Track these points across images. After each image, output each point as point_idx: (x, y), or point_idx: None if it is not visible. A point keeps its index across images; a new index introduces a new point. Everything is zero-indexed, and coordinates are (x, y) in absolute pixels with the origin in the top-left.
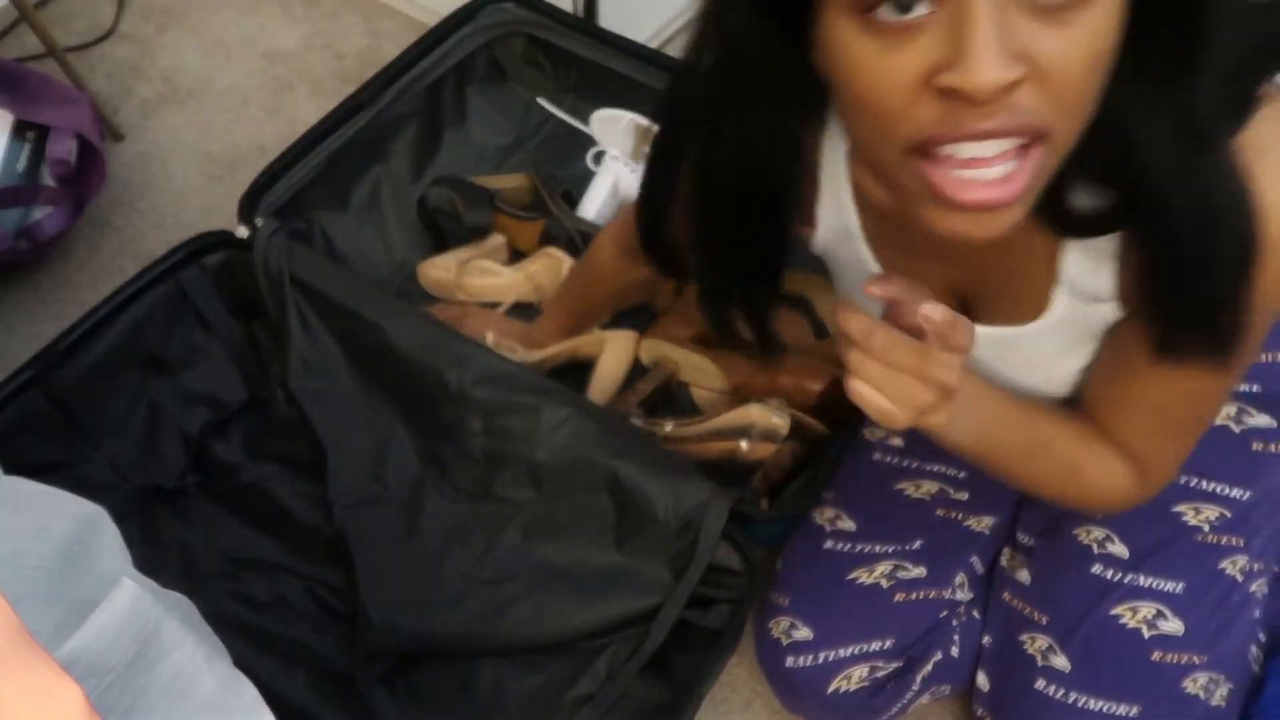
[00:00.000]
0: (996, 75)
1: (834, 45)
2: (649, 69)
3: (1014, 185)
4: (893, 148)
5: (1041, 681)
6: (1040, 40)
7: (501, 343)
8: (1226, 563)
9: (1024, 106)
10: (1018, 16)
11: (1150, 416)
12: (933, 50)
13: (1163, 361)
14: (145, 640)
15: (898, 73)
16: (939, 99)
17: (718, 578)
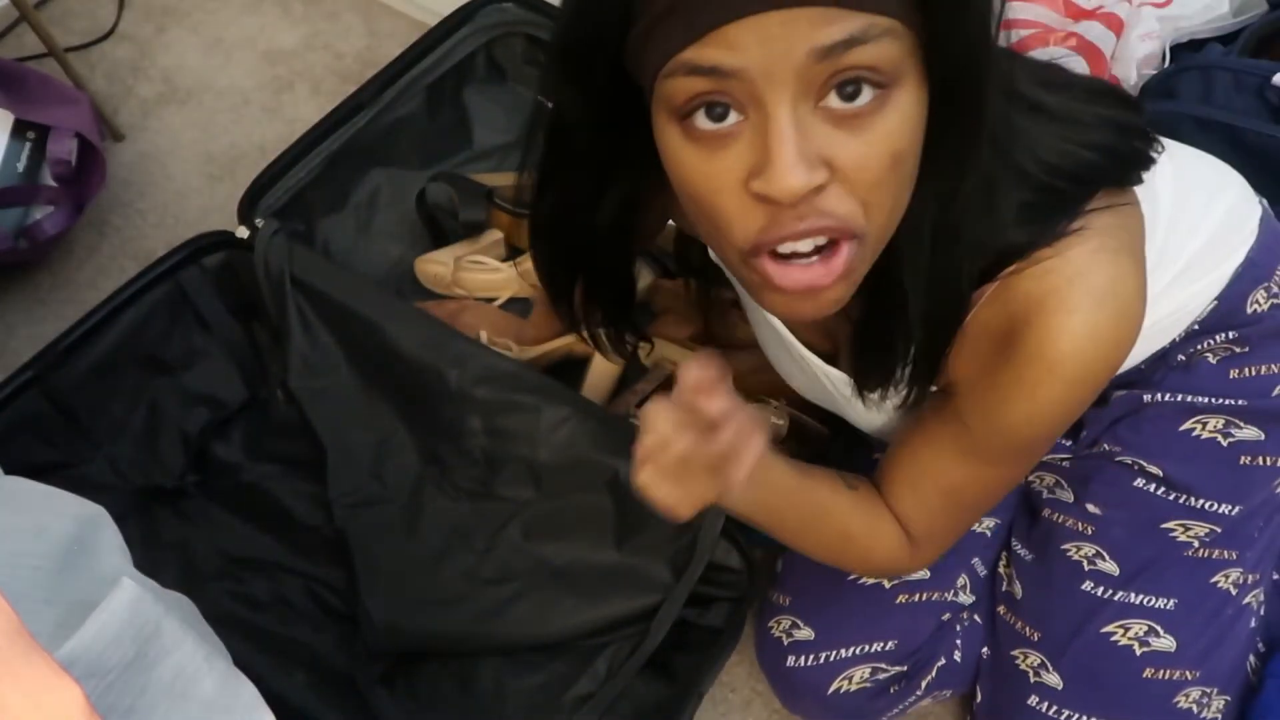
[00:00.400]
0: (799, 182)
1: (664, 149)
2: None
3: (827, 271)
4: (731, 251)
5: (1034, 698)
6: (840, 145)
7: (496, 340)
8: (1219, 576)
9: (831, 208)
10: (817, 124)
11: (938, 496)
12: (745, 156)
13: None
14: (145, 640)
15: (718, 178)
16: (759, 203)
17: (717, 576)
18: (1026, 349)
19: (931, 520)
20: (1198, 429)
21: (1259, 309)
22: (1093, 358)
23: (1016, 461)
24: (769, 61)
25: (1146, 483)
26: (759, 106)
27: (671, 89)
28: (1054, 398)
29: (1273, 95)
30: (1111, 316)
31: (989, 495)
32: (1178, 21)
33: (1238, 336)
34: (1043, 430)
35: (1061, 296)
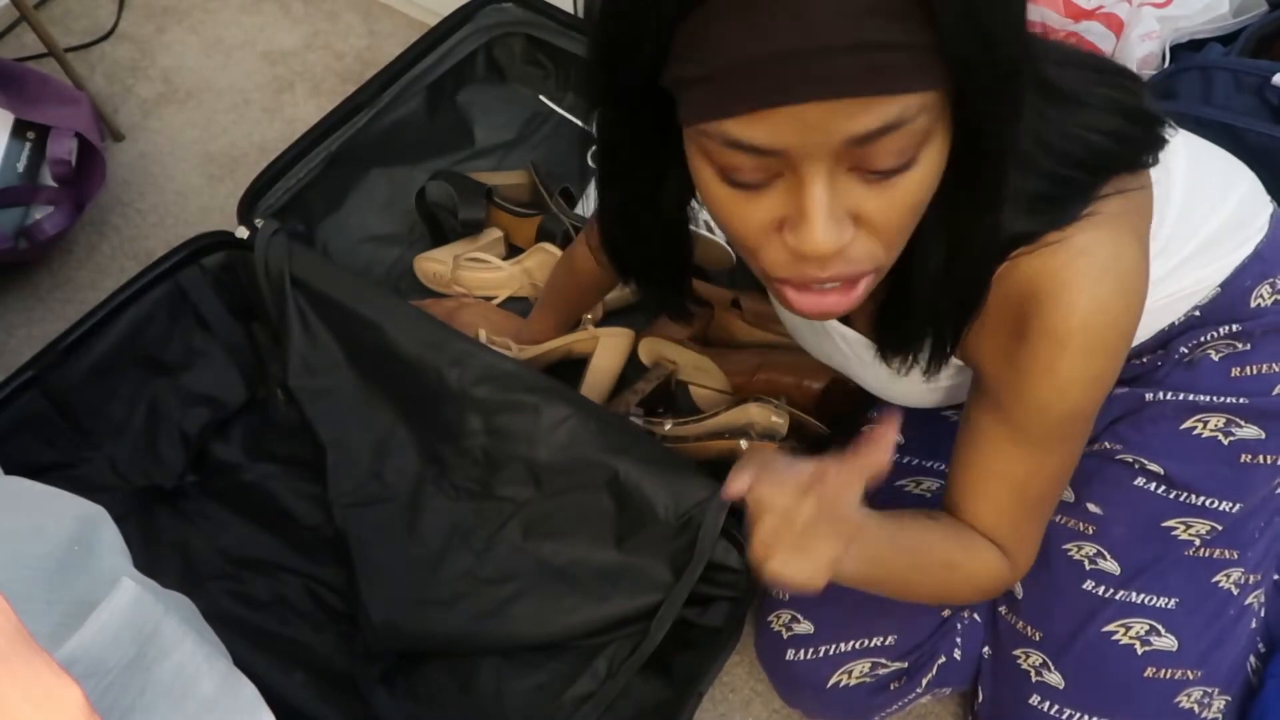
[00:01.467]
0: (831, 241)
1: (697, 178)
2: None
3: (847, 300)
4: (753, 265)
5: (1035, 698)
6: (867, 201)
7: (495, 339)
8: (1220, 576)
9: (856, 257)
10: (848, 183)
11: (1008, 497)
12: (780, 206)
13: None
14: (145, 640)
15: (752, 219)
16: (786, 245)
17: (717, 575)
18: (1037, 328)
19: (1014, 524)
20: (1199, 427)
21: (1262, 304)
22: (1100, 328)
23: (1064, 440)
24: (806, 145)
25: (1147, 481)
26: (794, 172)
27: (709, 147)
28: (1073, 371)
29: (1273, 95)
30: (1113, 289)
31: (1053, 482)
32: (1178, 21)
33: (1240, 330)
34: (1075, 404)
35: (1064, 275)
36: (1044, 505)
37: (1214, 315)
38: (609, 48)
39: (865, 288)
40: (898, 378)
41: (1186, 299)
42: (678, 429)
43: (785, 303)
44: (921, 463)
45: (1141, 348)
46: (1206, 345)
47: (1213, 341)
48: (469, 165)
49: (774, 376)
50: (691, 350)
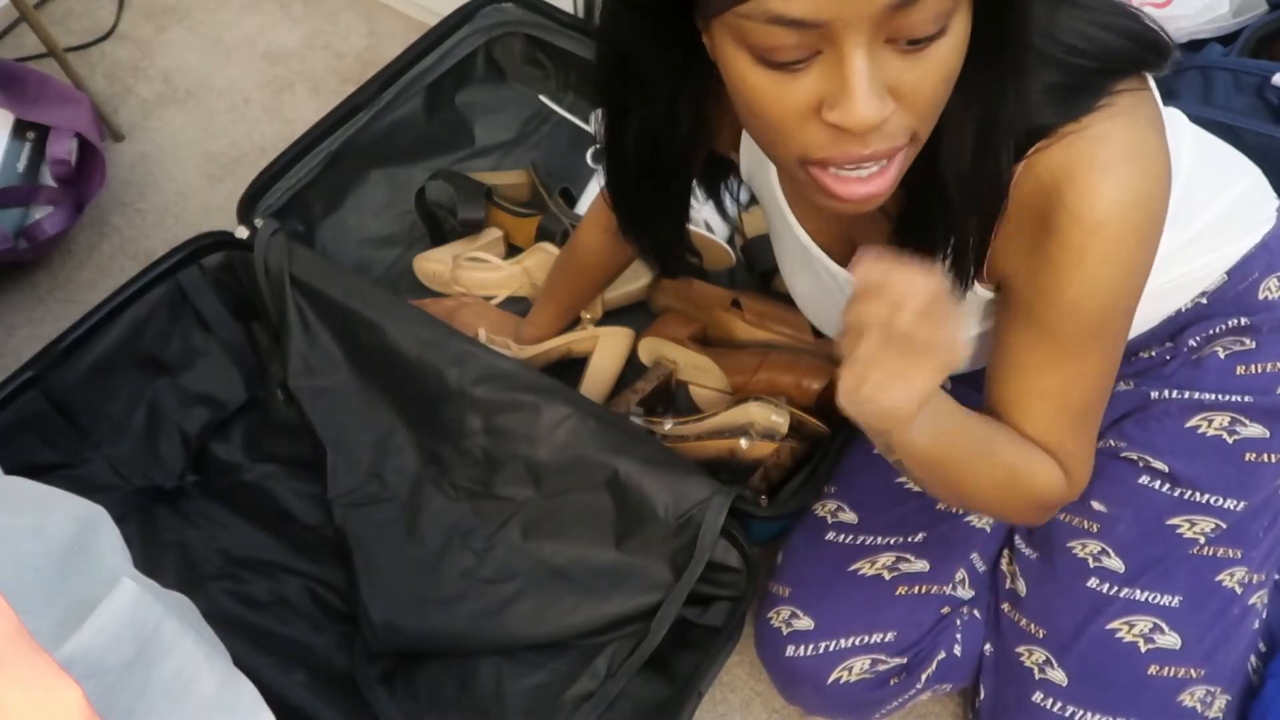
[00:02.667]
0: (874, 114)
1: (730, 72)
2: None
3: (885, 181)
4: (787, 156)
5: (1039, 695)
6: (905, 73)
7: (494, 339)
8: (1224, 575)
9: (894, 130)
10: (886, 56)
11: (1051, 411)
12: (819, 86)
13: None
14: (145, 640)
15: (789, 102)
16: (825, 124)
17: (717, 575)
18: (1065, 218)
19: (1061, 440)
20: (1203, 426)
21: (1270, 296)
22: (1128, 211)
23: (1100, 342)
24: (847, 14)
25: (1152, 479)
26: (834, 46)
27: (747, 29)
28: (1104, 260)
29: (1273, 95)
30: (1138, 172)
31: (1096, 391)
32: (1178, 21)
33: (1249, 324)
34: (1107, 299)
35: (1087, 161)
36: (1089, 416)
37: (1222, 305)
38: None
39: (899, 168)
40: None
41: (1194, 284)
42: (678, 428)
43: (825, 193)
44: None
45: (1151, 338)
46: (1215, 340)
47: (1221, 336)
48: (468, 165)
49: (774, 376)
50: (691, 350)
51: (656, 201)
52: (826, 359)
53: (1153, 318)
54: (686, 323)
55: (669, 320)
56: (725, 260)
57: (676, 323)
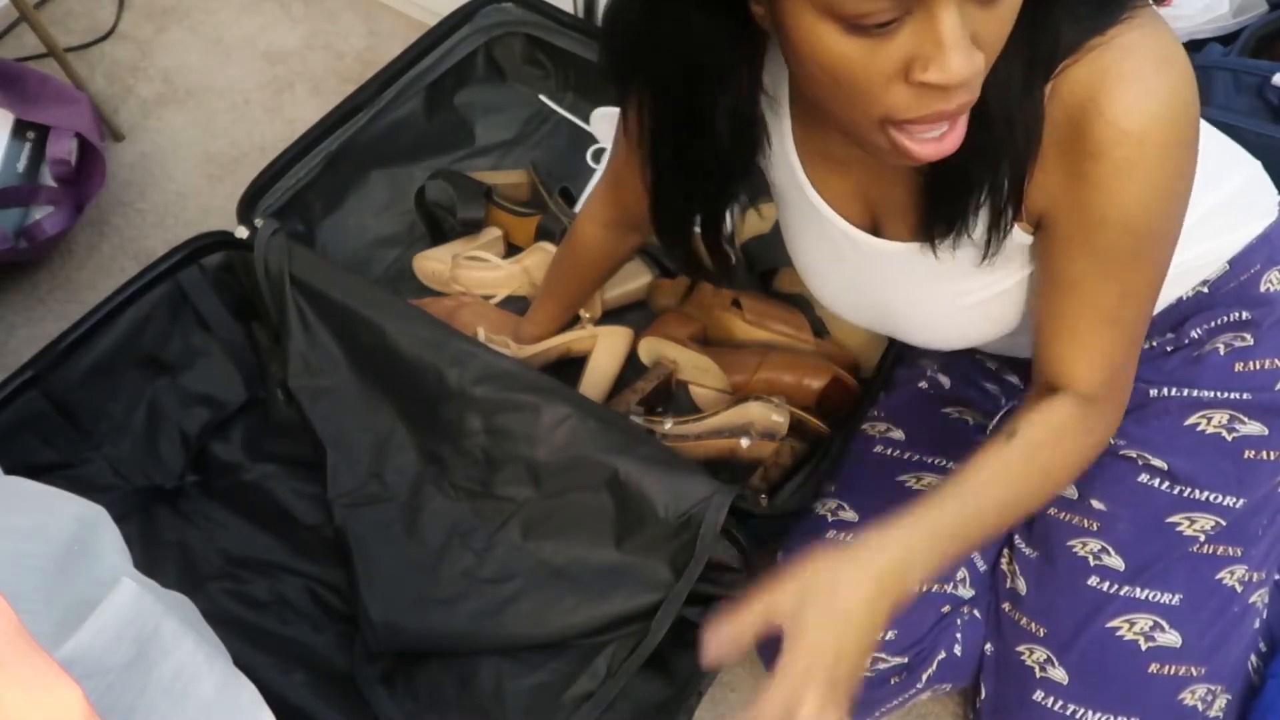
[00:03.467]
0: (969, 69)
1: (810, 42)
2: None
3: (957, 135)
4: (866, 119)
5: (1040, 693)
6: (982, 23)
7: (494, 338)
8: (1224, 573)
9: (977, 83)
10: (969, 9)
11: (1106, 332)
12: (908, 47)
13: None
14: (145, 640)
15: (876, 67)
16: (911, 84)
17: (717, 575)
18: (1107, 131)
19: (1111, 363)
20: (1202, 424)
21: (1272, 289)
22: (1173, 118)
23: (1153, 253)
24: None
25: (1151, 477)
26: (925, 5)
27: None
28: (1155, 169)
29: (1273, 95)
30: (1175, 77)
31: (1146, 301)
32: (1178, 21)
33: (1249, 319)
34: (1162, 208)
35: (1119, 71)
36: (1138, 329)
37: (1223, 296)
38: None
39: (965, 119)
40: (934, 289)
41: (1195, 271)
42: (678, 428)
43: (902, 153)
44: (924, 458)
45: (1153, 327)
46: (1217, 334)
47: (1222, 330)
48: (468, 164)
49: (774, 375)
50: (691, 349)
51: (718, 187)
52: (826, 359)
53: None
54: (686, 322)
55: (669, 320)
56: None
57: (676, 322)
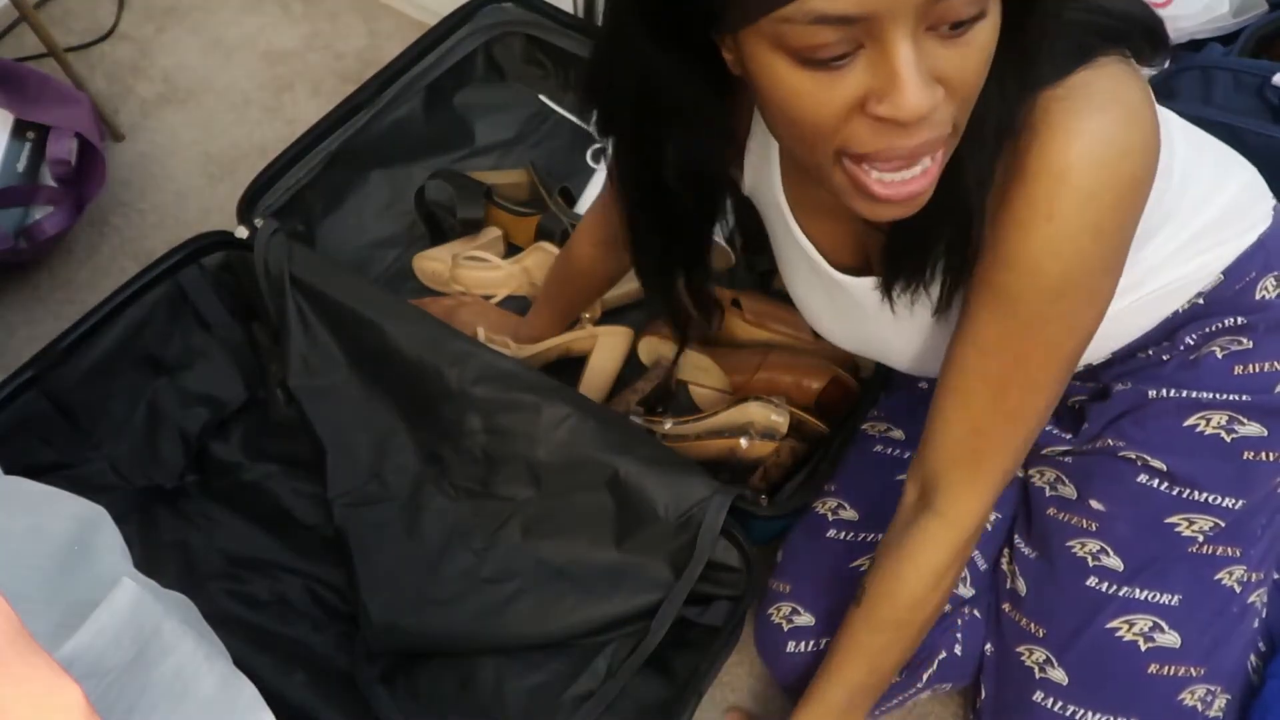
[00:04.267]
0: (925, 102)
1: (767, 77)
2: None
3: (928, 178)
4: (824, 155)
5: (1039, 694)
6: (947, 60)
7: (493, 339)
8: (1223, 574)
9: (939, 120)
10: (929, 44)
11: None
12: (864, 81)
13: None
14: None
15: (831, 101)
16: (869, 119)
17: (717, 575)
18: (1034, 163)
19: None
20: (1201, 425)
21: (1267, 296)
22: (1103, 163)
23: (1054, 320)
24: (894, 5)
25: (1150, 478)
26: (878, 38)
27: (787, 31)
28: (1070, 215)
29: (1273, 95)
30: (1119, 118)
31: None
32: (1178, 21)
33: (1245, 324)
34: (1071, 263)
35: (1063, 105)
36: (1013, 423)
37: (1219, 305)
38: None
39: (940, 165)
40: (916, 324)
41: (1190, 285)
42: (678, 428)
43: (866, 195)
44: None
45: (1147, 339)
46: (1212, 339)
47: (1218, 335)
48: (468, 164)
49: (774, 375)
50: (691, 349)
51: (695, 229)
52: (826, 359)
53: (1148, 323)
54: (711, 319)
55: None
56: (725, 260)
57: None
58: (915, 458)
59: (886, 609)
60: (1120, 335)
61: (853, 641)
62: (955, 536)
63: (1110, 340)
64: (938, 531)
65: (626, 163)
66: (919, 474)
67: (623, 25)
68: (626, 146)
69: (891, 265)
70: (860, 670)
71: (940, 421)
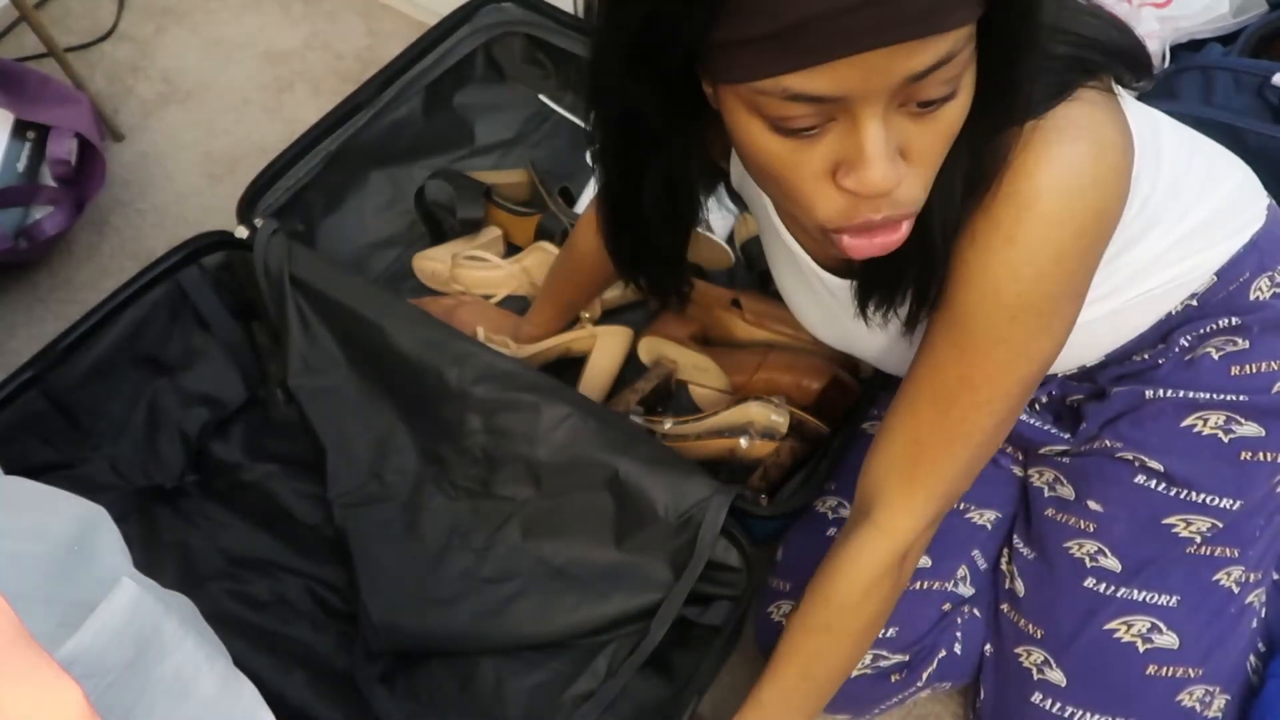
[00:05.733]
0: (889, 180)
1: (742, 135)
2: None
3: (898, 234)
4: (802, 216)
5: (1038, 695)
6: (915, 135)
7: (493, 338)
8: (1221, 574)
9: (905, 195)
10: (897, 120)
11: (928, 410)
12: (833, 150)
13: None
14: (145, 640)
15: (804, 167)
16: (840, 188)
17: (717, 574)
18: (1002, 191)
19: (915, 459)
20: (1199, 425)
21: (1261, 296)
22: (1071, 192)
23: (1004, 342)
24: (867, 87)
25: (1148, 479)
26: (849, 115)
27: (762, 101)
28: (1033, 240)
29: (1273, 95)
30: (1089, 151)
31: (978, 406)
32: (1178, 21)
33: (1240, 324)
34: (1027, 288)
35: (1036, 136)
36: (955, 440)
37: (1213, 306)
38: (651, 16)
39: (911, 225)
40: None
41: (1183, 286)
42: (678, 428)
43: (840, 249)
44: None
45: (1142, 340)
46: (1207, 340)
47: (1213, 336)
48: (468, 164)
49: (773, 375)
50: (691, 349)
51: (667, 241)
52: (826, 359)
53: (1142, 324)
54: (686, 322)
55: (668, 319)
56: (725, 260)
57: (676, 322)
58: (862, 465)
59: (819, 612)
60: (1113, 337)
61: (788, 643)
62: (888, 548)
63: (1104, 342)
64: (871, 541)
65: (603, 172)
66: (862, 481)
67: (604, 49)
68: (605, 160)
69: (863, 289)
70: (792, 673)
71: (886, 430)
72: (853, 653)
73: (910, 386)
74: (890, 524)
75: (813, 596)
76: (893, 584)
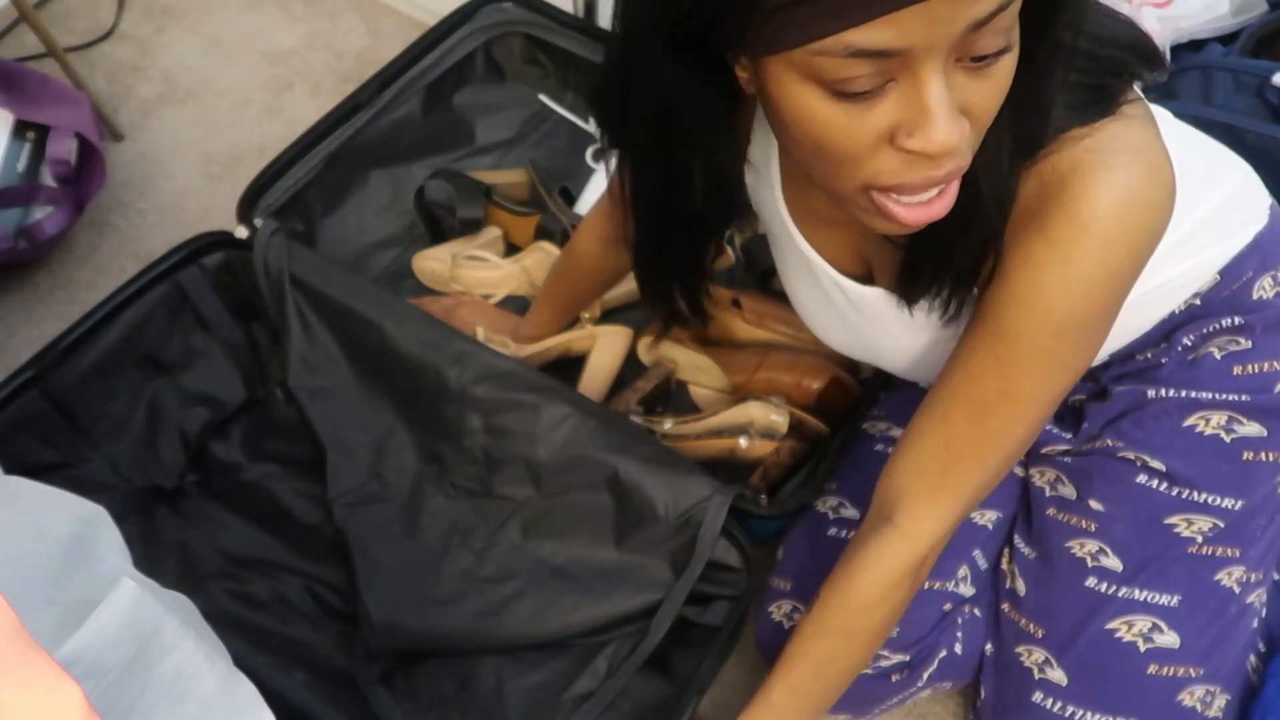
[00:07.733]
0: (954, 136)
1: (795, 108)
2: None
3: (946, 201)
4: (848, 183)
5: (1039, 694)
6: (973, 92)
7: (493, 338)
8: (1222, 574)
9: (963, 151)
10: (957, 76)
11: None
12: (893, 113)
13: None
14: (145, 640)
15: (861, 133)
16: (897, 150)
17: (717, 574)
18: (1061, 212)
19: (946, 466)
20: (1200, 425)
21: (1264, 295)
22: (1127, 215)
23: (1051, 356)
24: (932, 38)
25: (1149, 478)
26: (910, 72)
27: (820, 64)
28: (1089, 261)
29: (1273, 95)
30: (1145, 176)
31: (1016, 416)
32: (1178, 21)
33: (1243, 324)
34: (1081, 305)
35: (1093, 159)
36: (987, 449)
37: (1216, 305)
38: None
39: (957, 186)
40: (918, 332)
41: (1186, 285)
42: (677, 427)
43: (887, 218)
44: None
45: (1145, 340)
46: (1210, 339)
47: (1215, 335)
48: (468, 164)
49: (773, 375)
50: (691, 349)
51: (704, 242)
52: (826, 358)
53: (1145, 323)
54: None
55: None
56: (725, 260)
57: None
58: (884, 468)
59: (835, 615)
60: (1117, 336)
61: (800, 645)
62: (909, 551)
63: (1107, 342)
64: (892, 544)
65: (641, 176)
66: (884, 484)
67: (637, 45)
68: (642, 162)
69: (909, 272)
70: (805, 674)
71: (915, 435)
72: (865, 655)
73: (943, 395)
74: (914, 528)
75: (829, 599)
76: (910, 588)
